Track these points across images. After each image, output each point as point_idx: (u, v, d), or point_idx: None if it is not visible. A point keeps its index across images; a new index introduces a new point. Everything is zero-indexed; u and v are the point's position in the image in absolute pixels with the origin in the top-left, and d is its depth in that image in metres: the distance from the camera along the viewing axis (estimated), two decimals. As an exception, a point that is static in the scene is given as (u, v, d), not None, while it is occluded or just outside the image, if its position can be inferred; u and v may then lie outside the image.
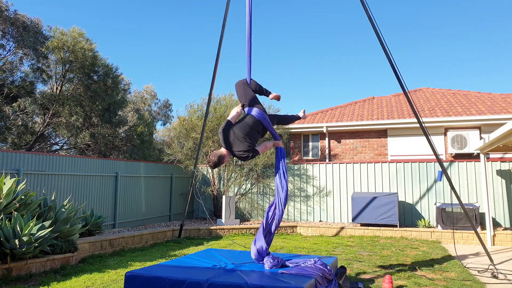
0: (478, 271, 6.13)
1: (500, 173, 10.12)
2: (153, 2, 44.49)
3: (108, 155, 15.59)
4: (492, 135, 7.45)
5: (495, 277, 5.77)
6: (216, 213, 12.37)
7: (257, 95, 5.38)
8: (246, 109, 5.18)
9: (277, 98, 5.55)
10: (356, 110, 15.20)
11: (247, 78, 5.45)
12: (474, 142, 11.98)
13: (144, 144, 16.55)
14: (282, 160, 5.39)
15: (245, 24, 5.58)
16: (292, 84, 46.88)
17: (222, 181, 12.65)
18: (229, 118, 5.12)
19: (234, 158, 9.96)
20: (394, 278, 5.55)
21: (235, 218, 11.34)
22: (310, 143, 14.68)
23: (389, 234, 9.83)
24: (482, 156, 9.05)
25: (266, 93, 5.53)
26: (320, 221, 11.61)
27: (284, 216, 12.11)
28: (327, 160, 13.89)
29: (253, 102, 5.19)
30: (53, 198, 6.97)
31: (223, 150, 4.92)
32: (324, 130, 13.88)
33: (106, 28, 43.96)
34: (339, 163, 11.76)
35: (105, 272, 5.92)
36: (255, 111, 5.07)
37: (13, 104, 12.79)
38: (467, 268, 6.42)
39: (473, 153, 12.02)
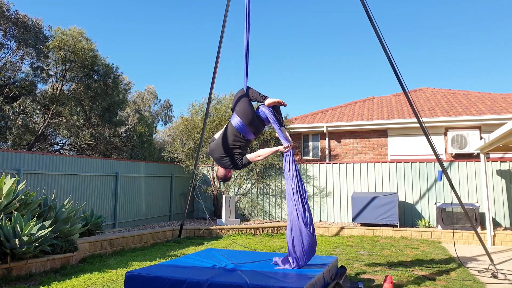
0: (478, 271, 6.13)
1: (500, 173, 10.12)
2: (153, 2, 44.51)
3: (109, 155, 15.59)
4: (492, 135, 7.45)
5: (495, 277, 5.77)
6: (216, 213, 12.37)
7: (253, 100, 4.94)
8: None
9: (276, 104, 4.72)
10: (356, 110, 15.19)
11: (244, 86, 5.07)
12: (474, 142, 11.97)
13: (144, 144, 16.55)
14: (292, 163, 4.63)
15: (244, 24, 5.38)
16: (292, 84, 46.90)
17: (222, 181, 12.64)
18: (215, 135, 4.90)
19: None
20: (394, 278, 5.55)
21: (235, 218, 11.34)
22: (310, 143, 14.68)
23: (389, 234, 9.83)
24: (482, 156, 9.04)
25: (262, 98, 4.78)
26: (320, 221, 11.60)
27: (284, 216, 12.11)
28: (327, 160, 13.89)
29: (235, 104, 4.77)
30: (53, 198, 6.97)
31: (220, 168, 4.93)
32: (324, 130, 13.88)
33: (106, 28, 43.98)
34: (339, 163, 11.76)
35: (105, 272, 5.92)
36: (234, 119, 4.67)
37: (14, 104, 12.79)
38: (467, 268, 6.42)
39: (473, 153, 12.02)
